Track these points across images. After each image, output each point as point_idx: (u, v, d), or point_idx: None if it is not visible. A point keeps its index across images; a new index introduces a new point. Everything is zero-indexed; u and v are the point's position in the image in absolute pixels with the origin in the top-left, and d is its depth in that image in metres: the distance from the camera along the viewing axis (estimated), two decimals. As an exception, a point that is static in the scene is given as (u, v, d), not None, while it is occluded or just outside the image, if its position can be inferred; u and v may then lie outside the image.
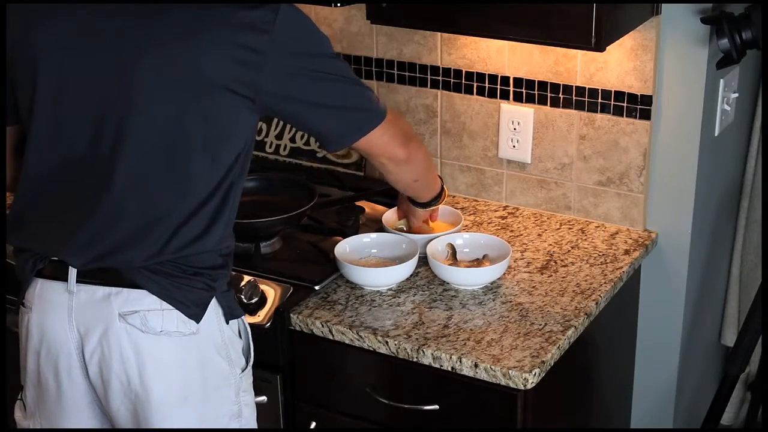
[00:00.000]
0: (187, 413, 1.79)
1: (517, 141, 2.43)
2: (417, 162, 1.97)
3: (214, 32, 1.64)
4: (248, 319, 2.03)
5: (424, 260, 2.17)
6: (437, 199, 2.17)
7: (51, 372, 1.81)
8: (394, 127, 1.87)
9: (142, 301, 1.73)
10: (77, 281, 1.75)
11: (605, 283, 2.15)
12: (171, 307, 1.73)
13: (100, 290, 1.74)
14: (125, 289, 1.73)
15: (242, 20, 1.64)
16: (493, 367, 1.86)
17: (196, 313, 1.75)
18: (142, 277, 1.72)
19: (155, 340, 1.74)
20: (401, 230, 2.26)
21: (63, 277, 1.75)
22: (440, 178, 2.18)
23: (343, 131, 1.81)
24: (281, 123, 2.63)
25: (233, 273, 2.14)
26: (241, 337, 1.87)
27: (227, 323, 1.81)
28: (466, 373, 1.89)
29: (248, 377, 1.88)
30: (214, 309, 1.78)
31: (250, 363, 1.88)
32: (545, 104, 2.37)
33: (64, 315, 1.76)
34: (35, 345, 1.81)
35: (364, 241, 2.22)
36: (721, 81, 2.30)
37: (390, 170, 1.95)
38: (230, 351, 1.82)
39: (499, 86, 2.41)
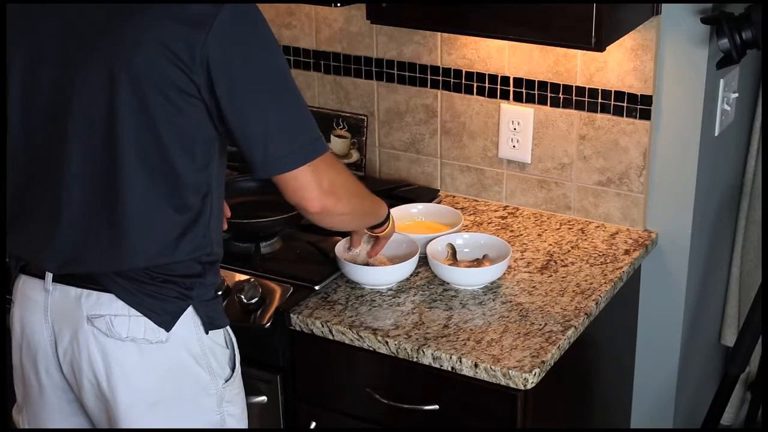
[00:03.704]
0: (157, 419, 1.75)
1: (517, 141, 2.43)
2: (336, 217, 1.76)
3: (150, 29, 1.57)
4: (248, 319, 2.03)
5: (424, 260, 2.17)
6: (379, 226, 2.04)
7: (32, 367, 1.80)
8: (326, 171, 1.69)
9: (111, 305, 1.69)
10: (53, 280, 1.73)
11: (605, 283, 2.15)
12: (139, 313, 1.69)
13: (73, 291, 1.72)
14: (95, 292, 1.70)
15: (180, 14, 1.56)
16: (493, 367, 1.86)
17: (166, 321, 1.70)
18: (110, 282, 1.69)
19: (121, 345, 1.70)
20: (352, 260, 2.11)
21: (42, 275, 1.74)
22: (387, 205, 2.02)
23: (279, 153, 1.64)
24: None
25: (234, 273, 2.14)
26: (227, 347, 1.81)
27: (206, 333, 1.76)
28: (466, 373, 1.89)
29: (233, 388, 1.83)
30: (191, 318, 1.73)
31: (236, 373, 1.83)
32: (545, 104, 2.37)
33: (40, 312, 1.75)
34: (18, 339, 1.81)
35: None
36: (721, 81, 2.30)
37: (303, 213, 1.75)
38: (211, 361, 1.77)
39: (499, 86, 2.41)
